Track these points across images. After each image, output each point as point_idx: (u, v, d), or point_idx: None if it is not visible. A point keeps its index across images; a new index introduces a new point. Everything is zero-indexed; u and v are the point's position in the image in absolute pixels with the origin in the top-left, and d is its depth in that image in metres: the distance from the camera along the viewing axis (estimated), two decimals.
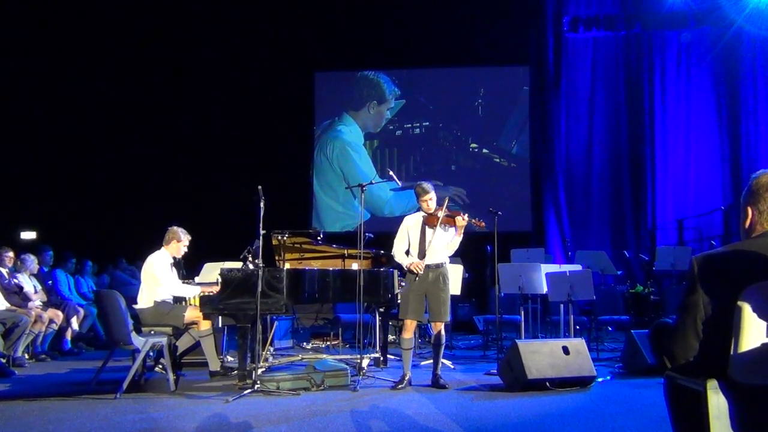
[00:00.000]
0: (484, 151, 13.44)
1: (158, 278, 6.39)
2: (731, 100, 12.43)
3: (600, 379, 6.25)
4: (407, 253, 6.20)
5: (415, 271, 6.03)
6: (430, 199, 6.12)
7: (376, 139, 13.75)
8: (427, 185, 6.18)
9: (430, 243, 6.06)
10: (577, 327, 8.15)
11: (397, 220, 6.41)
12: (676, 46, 12.75)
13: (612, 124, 12.92)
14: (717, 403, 2.22)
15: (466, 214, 6.04)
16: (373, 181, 7.21)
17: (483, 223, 6.12)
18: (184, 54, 13.02)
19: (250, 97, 13.11)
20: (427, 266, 6.10)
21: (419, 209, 6.25)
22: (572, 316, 7.63)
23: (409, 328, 6.18)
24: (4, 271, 8.05)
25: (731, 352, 2.18)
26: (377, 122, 13.70)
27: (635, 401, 5.52)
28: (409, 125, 13.71)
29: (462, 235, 6.10)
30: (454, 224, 6.06)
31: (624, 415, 5.01)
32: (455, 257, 6.85)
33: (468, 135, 13.53)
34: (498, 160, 13.39)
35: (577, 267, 8.12)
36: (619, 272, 9.74)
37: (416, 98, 13.70)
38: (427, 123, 13.67)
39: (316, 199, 13.69)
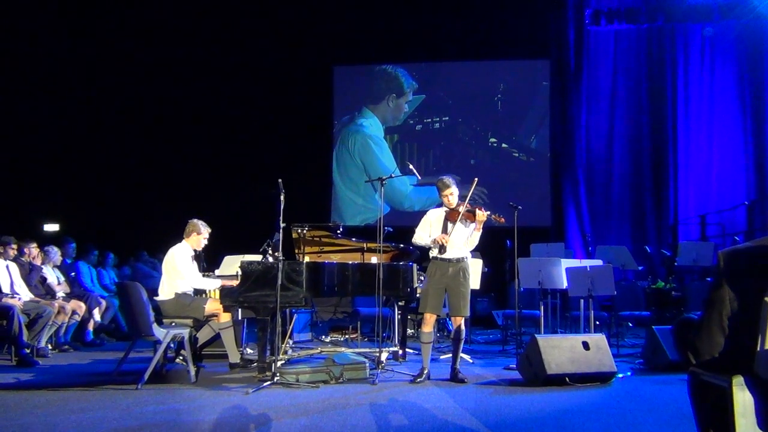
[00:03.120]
0: (504, 145, 13.36)
1: (180, 271, 6.43)
2: (756, 94, 12.22)
3: (620, 375, 6.19)
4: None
5: (439, 242, 6.00)
6: (451, 194, 6.10)
7: (396, 134, 13.71)
8: (448, 180, 6.15)
9: (449, 235, 6.03)
10: (597, 322, 8.07)
11: (417, 215, 6.40)
12: (699, 40, 12.56)
13: (633, 118, 12.77)
14: (743, 399, 2.19)
15: (488, 211, 6.00)
16: (393, 175, 7.17)
17: (503, 219, 6.08)
18: (202, 49, 13.04)
19: (270, 91, 13.11)
20: (448, 260, 6.08)
21: (442, 204, 6.23)
22: (592, 312, 7.57)
23: (429, 322, 6.17)
24: (27, 260, 8.13)
25: (758, 348, 2.15)
26: (396, 115, 13.66)
27: (656, 397, 5.46)
28: (429, 120, 13.65)
29: (481, 230, 6.07)
30: (474, 219, 6.02)
31: (645, 411, 4.97)
32: (474, 251, 6.81)
33: (487, 129, 13.45)
34: (517, 154, 13.31)
35: (598, 262, 8.06)
36: (640, 267, 9.65)
37: (436, 93, 13.64)
38: (447, 118, 13.60)
39: (337, 192, 13.68)
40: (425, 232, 6.22)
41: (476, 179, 6.24)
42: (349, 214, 13.51)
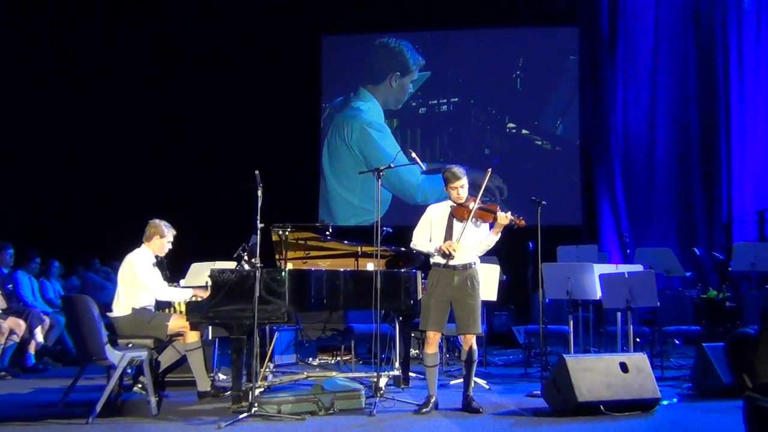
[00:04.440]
0: (524, 131, 13.34)
1: (141, 280, 6.44)
2: None
3: (665, 402, 6.19)
4: None
5: (446, 251, 5.96)
6: (462, 187, 6.06)
7: (395, 118, 13.67)
8: (458, 170, 6.11)
9: (458, 240, 6.00)
10: (638, 339, 8.09)
11: None
12: (756, 0, 12.54)
13: (679, 97, 12.74)
14: None
15: (509, 212, 5.96)
16: (392, 165, 7.13)
17: (523, 221, 6.04)
18: (166, 18, 13.02)
19: (243, 67, 13.08)
20: (452, 267, 6.05)
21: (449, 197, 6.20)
22: (631, 327, 7.57)
23: (433, 341, 6.14)
24: None
25: None
26: (399, 97, 13.61)
27: (707, 428, 5.46)
28: (435, 101, 13.62)
29: (500, 234, 6.04)
30: (489, 220, 5.99)
31: None
32: (490, 255, 6.79)
33: (504, 113, 13.42)
34: (540, 142, 13.29)
35: (638, 267, 8.06)
36: (687, 273, 9.63)
37: (443, 69, 13.59)
38: (456, 99, 13.58)
39: (327, 188, 13.63)
40: (425, 234, 6.19)
41: (489, 169, 6.20)
42: (342, 214, 13.46)
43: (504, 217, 5.91)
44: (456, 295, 6.04)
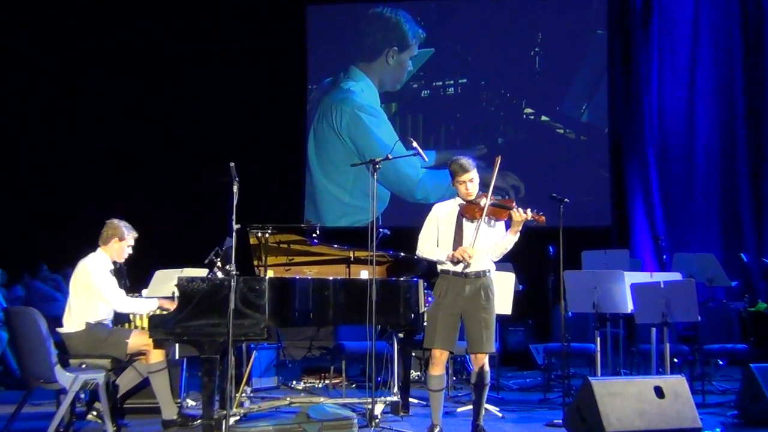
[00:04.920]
0: (544, 118, 13.34)
1: (98, 289, 6.43)
2: None
3: None
4: None
5: (460, 258, 5.93)
6: (471, 181, 6.03)
7: (394, 102, 13.68)
8: (466, 161, 6.08)
9: (472, 244, 5.96)
10: (675, 360, 8.09)
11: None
12: None
13: (722, 79, 12.73)
14: None
15: (529, 209, 5.93)
16: (390, 156, 7.11)
17: (543, 218, 6.01)
18: None
19: (217, 43, 13.08)
20: (464, 275, 6.02)
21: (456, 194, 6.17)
22: (668, 345, 7.56)
23: (439, 361, 6.11)
24: None
25: None
26: (398, 76, 13.59)
27: None
28: (440, 83, 13.63)
29: (519, 234, 6.00)
30: (504, 218, 5.98)
31: None
32: (504, 262, 6.77)
33: (521, 96, 13.43)
34: (563, 130, 13.29)
35: (675, 276, 8.07)
36: (733, 283, 9.66)
37: (449, 45, 13.60)
38: (465, 80, 13.58)
39: (314, 184, 13.61)
40: (433, 239, 6.16)
41: (499, 158, 6.16)
42: (332, 213, 13.47)
43: (521, 214, 5.87)
44: (467, 307, 6.00)
